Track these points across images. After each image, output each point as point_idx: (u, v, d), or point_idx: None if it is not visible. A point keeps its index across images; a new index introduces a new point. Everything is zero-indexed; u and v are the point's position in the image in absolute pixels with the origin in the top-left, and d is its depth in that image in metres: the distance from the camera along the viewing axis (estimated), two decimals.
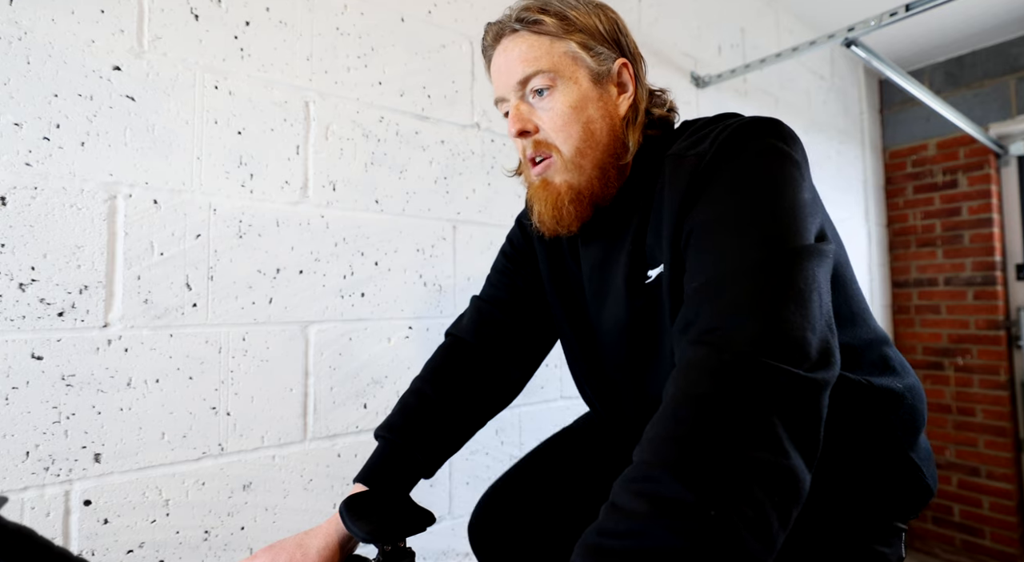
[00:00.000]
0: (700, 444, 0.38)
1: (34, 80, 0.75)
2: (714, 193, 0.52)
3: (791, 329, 0.42)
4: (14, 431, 0.72)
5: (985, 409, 2.25)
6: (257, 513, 0.91)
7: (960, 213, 2.35)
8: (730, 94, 1.83)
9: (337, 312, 1.01)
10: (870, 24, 1.30)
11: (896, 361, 0.63)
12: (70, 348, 0.76)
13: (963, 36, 2.24)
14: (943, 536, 2.34)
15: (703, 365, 0.42)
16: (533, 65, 0.61)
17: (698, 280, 0.48)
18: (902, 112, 2.52)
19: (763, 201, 0.49)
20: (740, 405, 0.39)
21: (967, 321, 2.32)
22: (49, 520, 0.74)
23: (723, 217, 0.50)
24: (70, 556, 0.37)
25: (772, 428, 0.38)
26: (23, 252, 0.74)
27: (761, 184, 0.50)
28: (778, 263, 0.46)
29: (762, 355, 0.41)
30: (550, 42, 0.62)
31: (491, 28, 0.66)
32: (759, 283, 0.45)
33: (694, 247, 0.51)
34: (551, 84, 0.61)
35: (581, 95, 0.62)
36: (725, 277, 0.46)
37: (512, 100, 0.64)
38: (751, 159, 0.52)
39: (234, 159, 0.91)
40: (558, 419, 1.32)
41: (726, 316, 0.44)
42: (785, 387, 0.40)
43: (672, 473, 0.37)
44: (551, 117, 0.62)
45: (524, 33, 0.63)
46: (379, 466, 0.67)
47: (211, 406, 0.87)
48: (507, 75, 0.63)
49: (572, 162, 0.62)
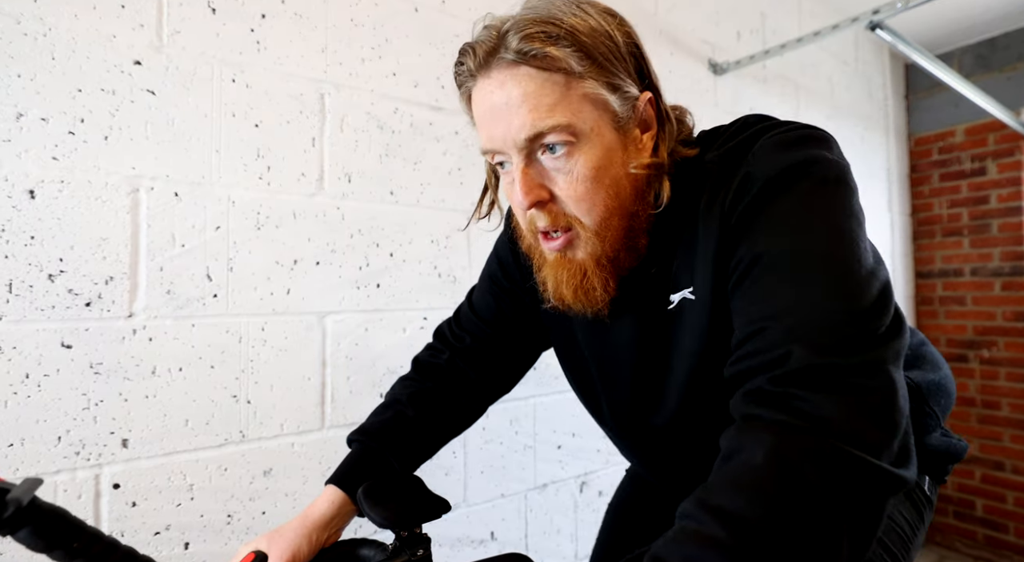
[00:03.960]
0: (781, 540, 0.34)
1: (59, 75, 0.77)
2: (780, 222, 0.44)
3: (894, 413, 0.38)
4: (46, 417, 0.75)
5: (1011, 403, 2.20)
6: (278, 498, 0.93)
7: (988, 201, 2.27)
8: (749, 81, 1.79)
9: (353, 303, 1.02)
10: (896, 6, 1.25)
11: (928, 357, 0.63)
12: (97, 337, 0.79)
13: (996, 16, 2.15)
14: (965, 531, 2.30)
15: (798, 441, 0.37)
16: (548, 118, 0.46)
17: (767, 329, 0.42)
18: (929, 97, 2.44)
19: (838, 243, 0.43)
20: (833, 501, 0.35)
21: (994, 313, 2.25)
22: (81, 502, 0.77)
23: (794, 258, 0.43)
24: (102, 536, 0.39)
25: (840, 534, 0.35)
26: (51, 244, 0.76)
27: (833, 221, 0.43)
28: (870, 333, 0.40)
29: (864, 449, 0.36)
30: (565, 83, 0.46)
31: (473, 51, 0.48)
32: (854, 355, 0.39)
33: (751, 287, 0.44)
34: (571, 140, 0.47)
35: (605, 151, 0.48)
36: (810, 340, 0.40)
37: (515, 160, 0.49)
38: (816, 185, 0.44)
39: (252, 152, 0.92)
40: (572, 410, 1.32)
41: (818, 390, 0.38)
42: (884, 485, 0.37)
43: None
44: (571, 184, 0.49)
45: (528, 69, 0.46)
46: (352, 469, 0.65)
47: (232, 394, 0.89)
48: (508, 126, 0.48)
49: (598, 235, 0.51)
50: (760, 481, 0.36)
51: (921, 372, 0.62)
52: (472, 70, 0.49)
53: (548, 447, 1.30)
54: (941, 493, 2.38)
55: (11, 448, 0.73)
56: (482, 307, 0.75)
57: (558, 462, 1.32)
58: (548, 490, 1.30)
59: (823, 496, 0.35)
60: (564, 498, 1.33)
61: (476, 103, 0.50)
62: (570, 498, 1.34)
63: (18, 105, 0.74)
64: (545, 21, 0.46)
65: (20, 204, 0.74)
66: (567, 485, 1.34)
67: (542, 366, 1.24)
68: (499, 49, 0.47)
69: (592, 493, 1.39)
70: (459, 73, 0.51)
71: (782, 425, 0.38)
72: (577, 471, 1.35)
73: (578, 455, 1.36)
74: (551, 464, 1.30)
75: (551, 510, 1.30)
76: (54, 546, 0.36)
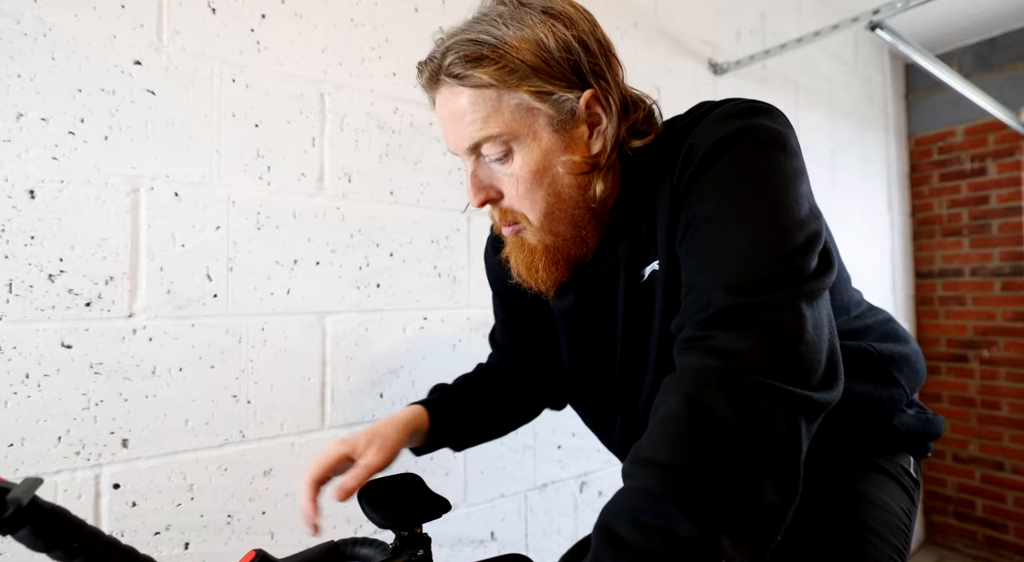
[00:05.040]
0: (708, 479, 0.37)
1: (59, 75, 0.77)
2: (716, 182, 0.48)
3: (799, 345, 0.41)
4: (47, 417, 0.75)
5: (1011, 403, 2.20)
6: (278, 499, 0.93)
7: (988, 201, 2.27)
8: (749, 81, 1.79)
9: (353, 303, 1.02)
10: (896, 6, 1.25)
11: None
12: (97, 337, 0.79)
13: (996, 16, 2.15)
14: (965, 531, 2.30)
15: (710, 379, 0.40)
16: (482, 129, 0.52)
17: (699, 280, 0.46)
18: (929, 97, 2.44)
19: (768, 196, 0.46)
20: (748, 433, 0.38)
21: (994, 313, 2.25)
22: (81, 502, 0.77)
23: (724, 212, 0.47)
24: (102, 536, 0.38)
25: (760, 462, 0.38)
26: (51, 244, 0.76)
27: (765, 177, 0.47)
28: (786, 273, 0.43)
29: (771, 376, 0.39)
30: (496, 97, 0.51)
31: (422, 70, 0.55)
32: (765, 293, 0.43)
33: (690, 243, 0.48)
34: (506, 148, 0.53)
35: (543, 153, 0.53)
36: (729, 283, 0.44)
37: (467, 164, 0.56)
38: (751, 147, 0.48)
39: (251, 152, 0.92)
40: (571, 410, 1.32)
41: (730, 328, 0.42)
42: (795, 408, 0.39)
43: (686, 513, 0.35)
44: (513, 185, 0.54)
45: (460, 88, 0.52)
46: (432, 398, 0.72)
47: (232, 394, 0.89)
48: (455, 135, 0.55)
49: (543, 229, 0.57)
50: (679, 427, 0.39)
51: (885, 344, 0.65)
52: (425, 86, 0.56)
53: (548, 447, 1.30)
54: (941, 493, 2.38)
55: (11, 448, 0.73)
56: (504, 343, 0.81)
57: (558, 462, 1.32)
58: (548, 490, 1.30)
59: (737, 429, 0.38)
60: (564, 498, 1.33)
61: (436, 109, 0.57)
62: (570, 498, 1.34)
63: (18, 105, 0.74)
64: (476, 41, 0.51)
65: (20, 204, 0.74)
66: (567, 485, 1.34)
67: None
68: (439, 71, 0.53)
69: (592, 493, 1.39)
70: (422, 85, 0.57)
71: (699, 368, 0.42)
72: (577, 471, 1.36)
73: (578, 455, 1.36)
74: (551, 464, 1.30)
75: (551, 510, 1.31)
76: (54, 546, 0.36)
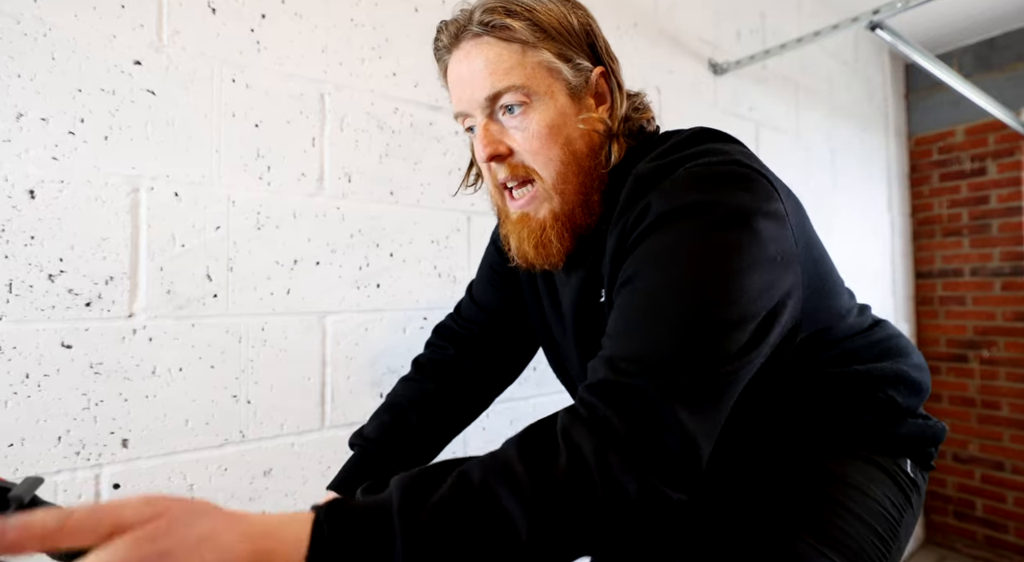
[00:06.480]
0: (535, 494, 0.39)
1: (59, 75, 0.77)
2: (656, 251, 0.47)
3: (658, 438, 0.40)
4: (47, 417, 0.75)
5: (1011, 402, 2.20)
6: (278, 498, 0.93)
7: (988, 201, 2.27)
8: (749, 81, 1.79)
9: (353, 303, 1.02)
10: (896, 6, 1.25)
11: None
12: (97, 337, 0.79)
13: (996, 16, 2.15)
14: (965, 531, 2.30)
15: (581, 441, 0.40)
16: (504, 79, 0.53)
17: (606, 343, 0.46)
18: (929, 97, 2.44)
19: (700, 284, 0.44)
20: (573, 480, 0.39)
21: (994, 313, 2.25)
22: (81, 502, 0.77)
23: (652, 285, 0.45)
24: None
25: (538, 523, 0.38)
26: (51, 244, 0.76)
27: (706, 262, 0.44)
28: (684, 368, 0.41)
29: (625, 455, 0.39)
30: (521, 51, 0.54)
31: (447, 28, 0.57)
32: (654, 379, 0.41)
33: (619, 304, 0.47)
34: (525, 100, 0.54)
35: (559, 112, 0.55)
36: (624, 357, 0.43)
37: (479, 118, 0.56)
38: (705, 226, 0.45)
39: (251, 152, 0.92)
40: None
41: (607, 403, 0.41)
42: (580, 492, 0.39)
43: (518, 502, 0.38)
44: (527, 138, 0.55)
45: (489, 39, 0.54)
46: (353, 475, 0.66)
47: (232, 394, 0.89)
48: (472, 89, 0.55)
49: (555, 188, 0.56)
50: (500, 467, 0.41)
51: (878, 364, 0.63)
52: (446, 44, 0.58)
53: None
54: (941, 493, 2.38)
55: (11, 448, 0.73)
56: (483, 298, 0.78)
57: None
58: None
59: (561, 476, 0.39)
60: None
61: (450, 72, 0.59)
62: None
63: (18, 105, 0.74)
64: (507, 2, 0.54)
65: (20, 204, 0.74)
66: None
67: (543, 366, 1.24)
68: (467, 24, 0.55)
69: None
70: (437, 48, 0.60)
71: (569, 424, 0.42)
72: None
73: None
74: None
75: None
76: None
